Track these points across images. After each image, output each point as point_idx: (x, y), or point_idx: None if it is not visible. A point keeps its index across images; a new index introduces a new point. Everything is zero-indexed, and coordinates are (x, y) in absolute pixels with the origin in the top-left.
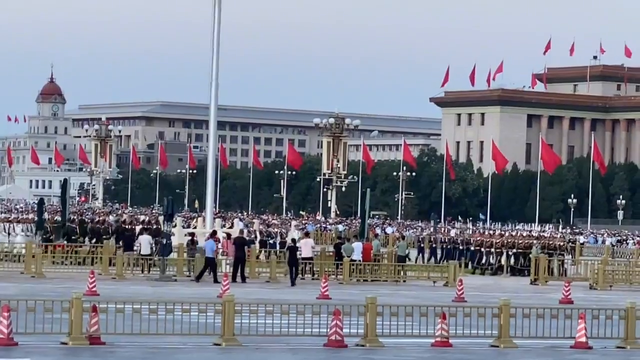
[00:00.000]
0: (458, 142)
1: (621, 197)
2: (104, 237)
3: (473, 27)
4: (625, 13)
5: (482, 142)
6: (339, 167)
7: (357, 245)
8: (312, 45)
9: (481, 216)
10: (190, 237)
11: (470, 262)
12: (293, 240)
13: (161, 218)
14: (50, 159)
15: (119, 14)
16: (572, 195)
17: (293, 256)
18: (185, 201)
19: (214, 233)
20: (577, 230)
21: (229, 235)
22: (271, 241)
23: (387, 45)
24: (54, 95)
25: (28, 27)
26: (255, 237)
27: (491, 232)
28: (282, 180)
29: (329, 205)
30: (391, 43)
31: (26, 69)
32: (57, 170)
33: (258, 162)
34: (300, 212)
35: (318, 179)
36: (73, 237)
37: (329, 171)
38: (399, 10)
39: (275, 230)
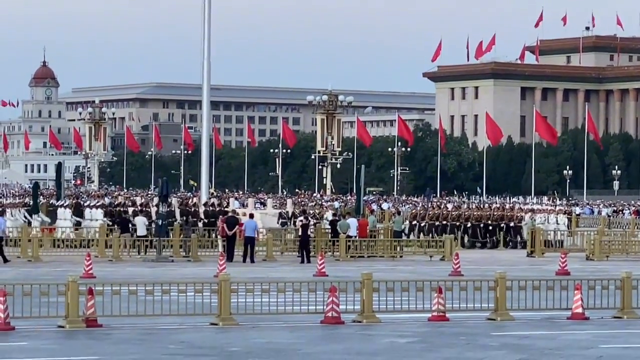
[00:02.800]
0: (452, 117)
1: (616, 167)
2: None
3: (465, 1)
4: None
5: (476, 116)
6: (333, 144)
7: (353, 222)
8: (304, 23)
9: (479, 190)
10: (184, 218)
11: (466, 236)
12: (305, 217)
13: (155, 199)
14: (45, 143)
15: None
16: (568, 167)
17: (305, 234)
18: (181, 182)
19: (252, 215)
20: (573, 202)
21: (224, 213)
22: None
23: (379, 21)
24: (47, 79)
25: (20, 11)
26: (289, 218)
27: (489, 205)
28: (277, 159)
29: (324, 182)
30: (383, 19)
31: (19, 53)
32: (52, 154)
33: (253, 140)
34: (296, 190)
35: (313, 157)
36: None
37: (324, 148)
38: None
39: (311, 211)
